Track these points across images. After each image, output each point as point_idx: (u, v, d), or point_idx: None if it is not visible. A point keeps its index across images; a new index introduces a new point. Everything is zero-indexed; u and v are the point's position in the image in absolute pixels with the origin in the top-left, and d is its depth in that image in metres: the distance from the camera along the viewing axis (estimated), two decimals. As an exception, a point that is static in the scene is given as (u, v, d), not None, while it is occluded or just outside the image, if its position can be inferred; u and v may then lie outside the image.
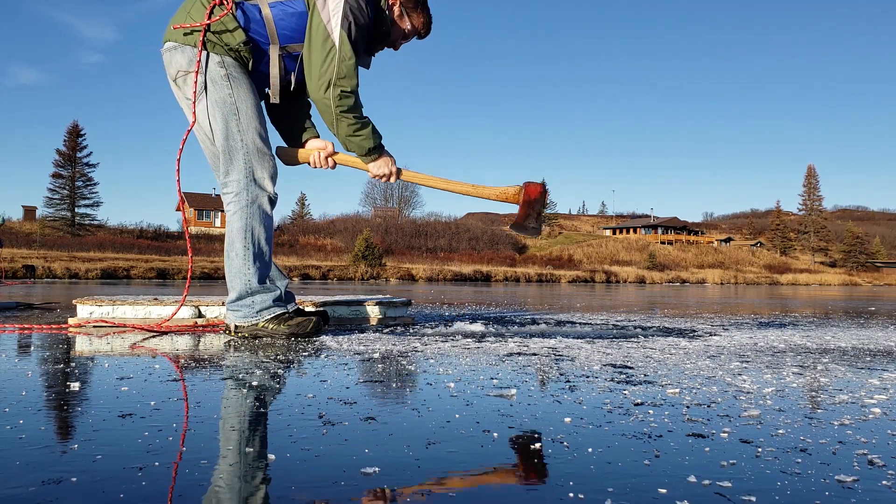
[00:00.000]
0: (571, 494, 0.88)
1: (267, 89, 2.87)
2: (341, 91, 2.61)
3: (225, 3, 2.66)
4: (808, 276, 64.03)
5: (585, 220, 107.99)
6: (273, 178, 2.79)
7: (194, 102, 2.70)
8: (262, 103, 2.92)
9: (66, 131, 47.78)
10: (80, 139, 47.74)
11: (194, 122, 2.73)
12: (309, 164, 2.92)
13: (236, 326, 2.78)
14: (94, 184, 48.27)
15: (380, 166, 2.83)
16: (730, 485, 0.92)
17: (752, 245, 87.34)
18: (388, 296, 4.55)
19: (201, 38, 2.64)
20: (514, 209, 2.99)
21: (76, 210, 47.62)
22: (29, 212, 49.59)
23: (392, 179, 2.89)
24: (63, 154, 47.42)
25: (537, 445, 1.11)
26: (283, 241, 51.13)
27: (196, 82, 2.66)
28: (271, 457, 1.03)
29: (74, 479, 0.91)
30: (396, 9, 2.81)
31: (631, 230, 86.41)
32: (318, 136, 2.97)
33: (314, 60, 2.62)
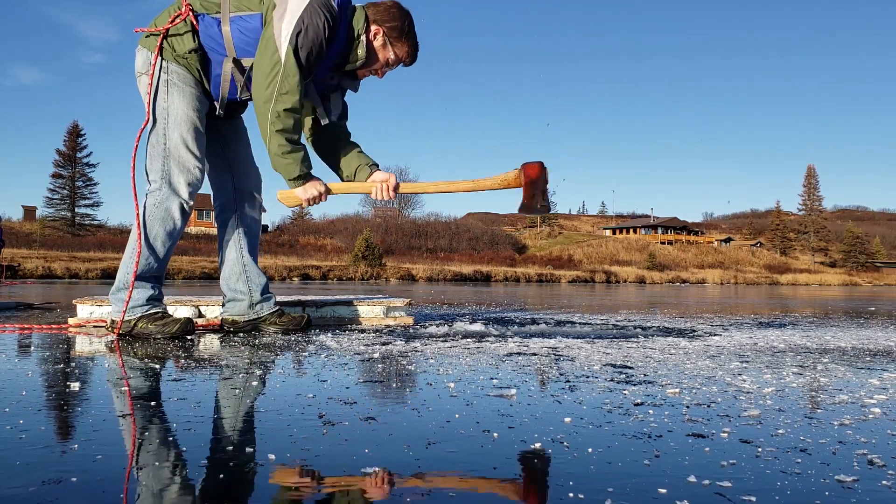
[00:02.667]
0: (571, 494, 0.88)
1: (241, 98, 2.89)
2: (283, 108, 2.59)
3: (182, 9, 2.73)
4: (808, 277, 64.02)
5: (585, 220, 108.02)
6: (190, 186, 2.81)
7: (147, 103, 2.80)
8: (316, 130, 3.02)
9: (66, 131, 47.87)
10: (80, 139, 47.79)
11: (148, 121, 2.80)
12: (371, 195, 2.92)
13: (112, 321, 2.81)
14: (94, 184, 48.38)
15: (306, 190, 2.79)
16: (730, 485, 0.92)
17: (752, 245, 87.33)
18: (388, 296, 4.55)
19: (158, 44, 2.74)
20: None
21: (76, 210, 47.64)
22: (29, 212, 49.62)
23: (324, 199, 2.85)
24: (63, 154, 47.45)
25: (537, 445, 1.11)
26: (283, 241, 51.12)
27: (151, 84, 2.78)
28: (271, 456, 1.03)
29: (74, 479, 0.91)
30: (380, 38, 2.78)
31: (631, 230, 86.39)
32: (377, 168, 2.96)
33: (260, 71, 2.63)
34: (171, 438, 1.14)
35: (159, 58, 2.76)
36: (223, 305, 3.15)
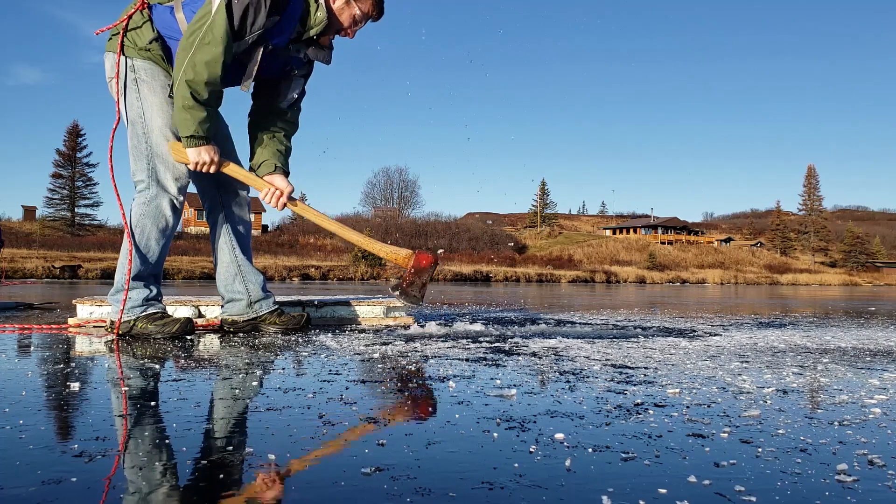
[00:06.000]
0: (572, 494, 0.88)
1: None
2: (200, 59, 2.53)
3: (137, 3, 2.74)
4: (808, 277, 64.00)
5: (585, 220, 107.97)
6: (178, 181, 2.80)
7: (117, 102, 2.79)
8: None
9: (66, 131, 47.89)
10: (80, 139, 47.80)
11: (118, 121, 2.79)
12: (260, 195, 2.89)
13: (112, 322, 2.79)
14: (94, 184, 48.35)
15: (199, 153, 2.72)
16: (730, 485, 0.92)
17: (752, 245, 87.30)
18: (388, 296, 4.55)
19: (119, 42, 2.73)
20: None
21: (76, 210, 47.65)
22: (29, 212, 49.59)
23: (212, 169, 2.77)
24: (63, 154, 47.47)
25: (536, 446, 1.11)
26: (283, 241, 51.14)
27: (117, 84, 2.77)
28: (271, 456, 1.03)
29: (74, 480, 0.91)
30: None
31: (631, 230, 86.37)
32: (285, 172, 2.92)
33: (191, 21, 2.59)
34: (170, 438, 1.14)
35: (123, 56, 2.74)
36: (223, 306, 3.14)
